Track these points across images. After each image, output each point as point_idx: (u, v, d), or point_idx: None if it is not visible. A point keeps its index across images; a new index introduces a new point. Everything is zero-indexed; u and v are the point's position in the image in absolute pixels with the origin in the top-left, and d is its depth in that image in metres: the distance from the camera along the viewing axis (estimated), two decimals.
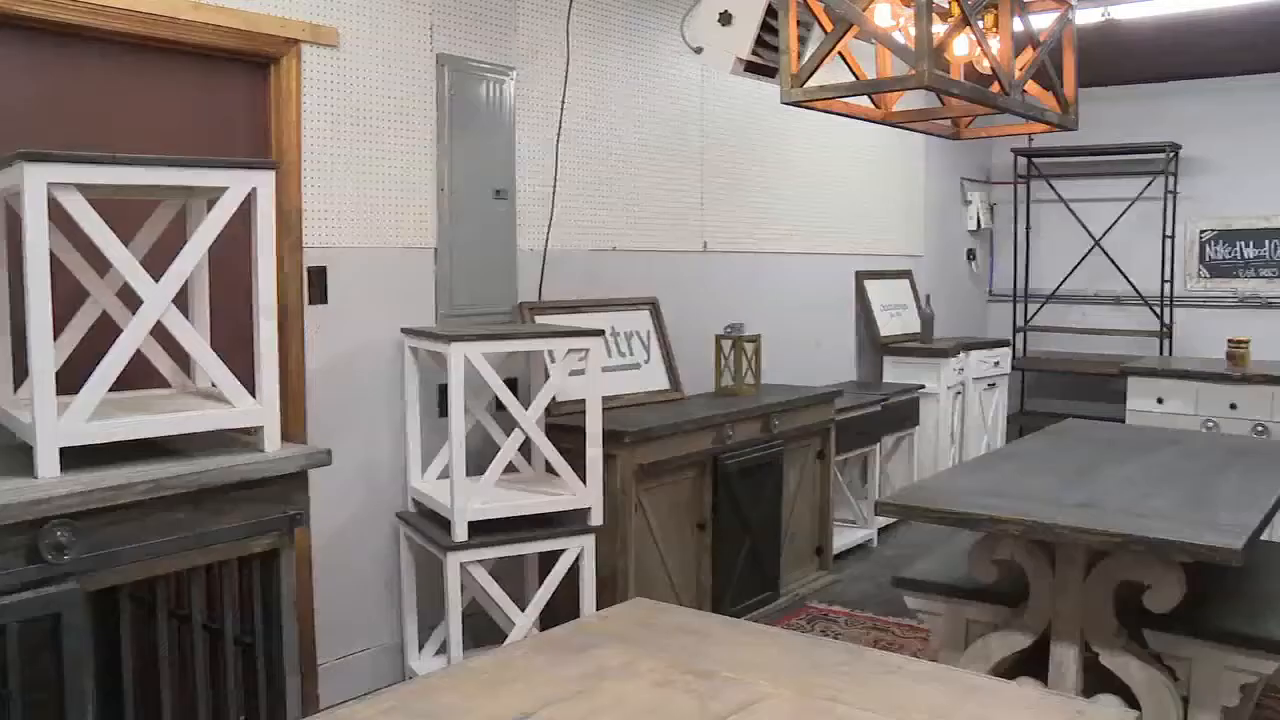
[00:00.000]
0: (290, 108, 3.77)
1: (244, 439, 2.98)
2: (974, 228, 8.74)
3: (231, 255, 3.09)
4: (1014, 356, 8.36)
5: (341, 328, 4.02)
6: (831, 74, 3.41)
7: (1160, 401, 6.16)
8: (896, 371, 7.12)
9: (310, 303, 3.92)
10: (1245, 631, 3.21)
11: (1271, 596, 3.54)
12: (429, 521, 4.03)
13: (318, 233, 3.92)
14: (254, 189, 2.81)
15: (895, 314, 7.32)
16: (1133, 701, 3.19)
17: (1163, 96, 8.20)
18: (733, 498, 4.88)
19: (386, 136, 4.12)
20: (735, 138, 5.93)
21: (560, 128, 4.80)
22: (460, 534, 3.77)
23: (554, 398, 4.32)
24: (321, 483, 3.81)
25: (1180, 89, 8.13)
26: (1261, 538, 3.70)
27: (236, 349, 3.04)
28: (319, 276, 3.94)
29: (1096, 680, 3.28)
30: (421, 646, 4.25)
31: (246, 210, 2.84)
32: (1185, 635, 3.25)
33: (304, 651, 3.83)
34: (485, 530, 3.85)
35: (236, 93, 3.73)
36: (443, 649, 4.07)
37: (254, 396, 2.89)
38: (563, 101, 4.80)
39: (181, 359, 3.11)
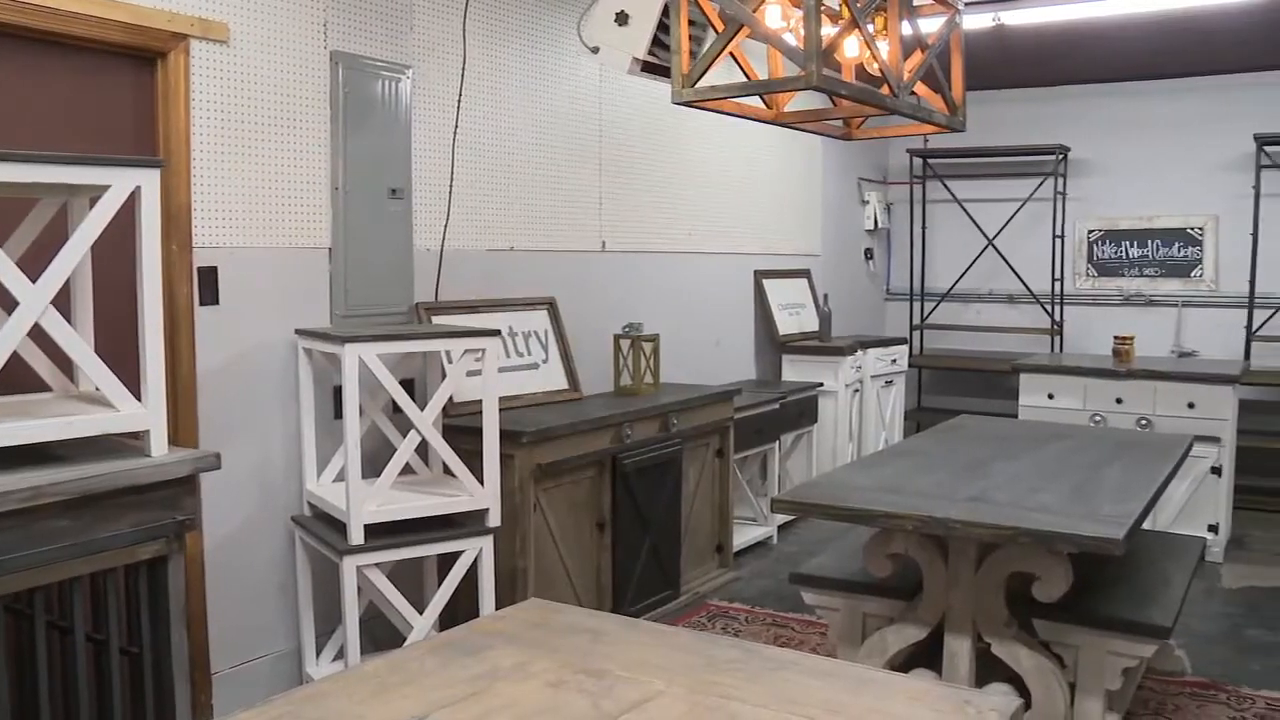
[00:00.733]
0: (178, 104, 3.68)
1: (131, 443, 2.91)
2: (871, 227, 8.87)
3: (119, 255, 3.01)
4: (911, 354, 8.49)
5: (234, 329, 3.94)
6: (728, 74, 3.43)
7: (1051, 397, 6.32)
8: (795, 370, 7.19)
9: (201, 303, 3.83)
10: (1127, 617, 3.31)
11: (1151, 583, 3.66)
12: (324, 525, 3.98)
13: (208, 232, 3.83)
14: (138, 187, 2.74)
15: (793, 313, 7.40)
16: (1025, 689, 3.27)
17: (1052, 100, 8.40)
18: (632, 497, 4.89)
19: (279, 134, 4.05)
20: (634, 138, 5.94)
21: (457, 127, 4.76)
22: (356, 537, 3.73)
23: (451, 398, 4.30)
24: (214, 487, 3.76)
25: (1068, 93, 8.33)
26: (1143, 527, 3.82)
27: (126, 351, 2.97)
28: (209, 277, 3.85)
29: (989, 670, 3.36)
30: (319, 652, 4.19)
31: (133, 209, 2.77)
32: (1072, 623, 3.35)
33: (196, 660, 3.75)
34: (382, 533, 3.81)
35: (123, 89, 3.63)
36: (341, 654, 4.01)
37: (140, 400, 2.82)
38: (459, 100, 4.76)
39: (63, 362, 3.02)
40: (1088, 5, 5.98)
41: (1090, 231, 8.39)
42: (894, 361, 7.81)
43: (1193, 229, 7.99)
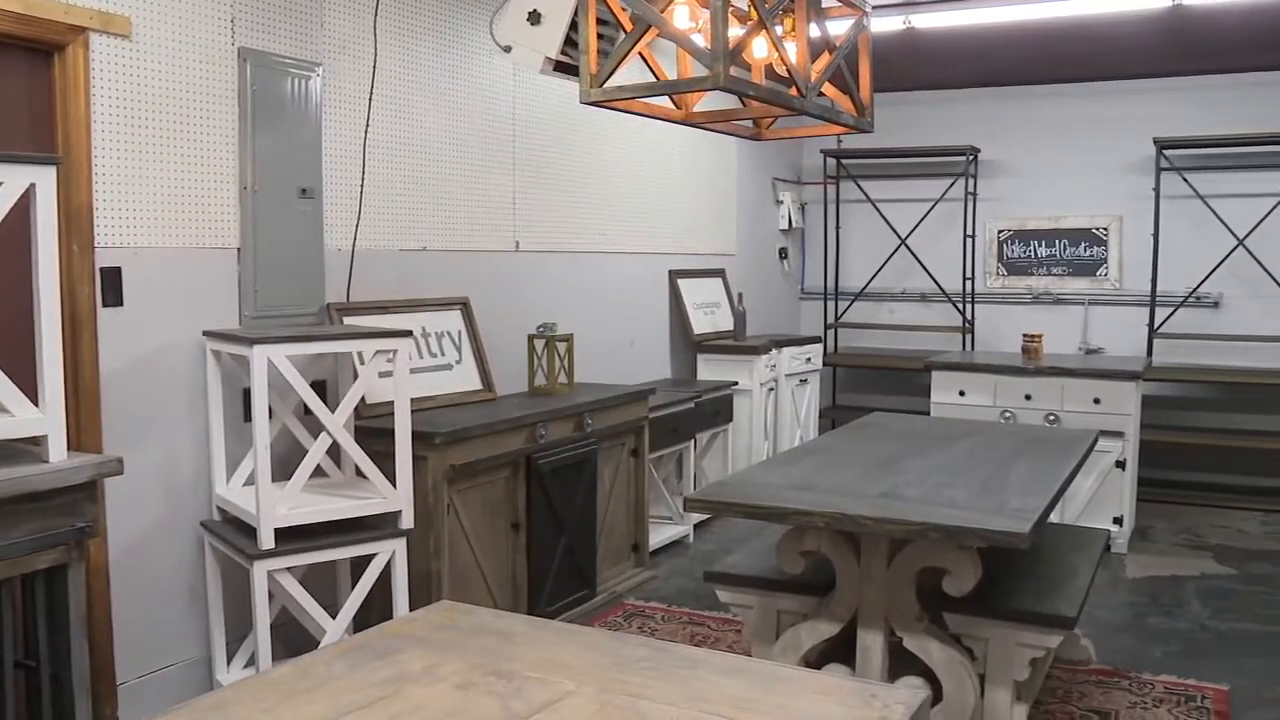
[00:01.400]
0: (78, 100, 3.59)
1: (29, 449, 2.83)
2: (785, 227, 8.94)
3: (16, 254, 2.93)
4: (825, 353, 8.58)
5: (139, 331, 3.86)
6: (640, 74, 3.43)
7: (962, 394, 6.42)
8: (710, 369, 7.22)
9: (104, 305, 3.74)
10: (1034, 609, 3.38)
11: (1058, 575, 3.73)
12: (234, 529, 3.91)
13: (111, 232, 3.75)
14: (32, 185, 2.67)
15: (709, 312, 7.43)
16: (937, 682, 3.32)
17: (963, 102, 8.54)
18: (547, 497, 4.88)
19: (185, 132, 3.97)
20: (548, 138, 5.92)
21: (368, 126, 4.71)
22: (266, 541, 3.67)
23: (364, 400, 4.26)
24: (119, 492, 3.68)
25: (978, 95, 8.48)
26: (1051, 520, 3.90)
27: (23, 354, 2.89)
28: (113, 278, 3.76)
29: (902, 663, 3.40)
30: (230, 659, 4.12)
31: (29, 207, 2.70)
32: (981, 616, 3.40)
33: (101, 671, 3.67)
34: (293, 537, 3.75)
35: (17, 82, 3.52)
36: (253, 661, 3.95)
37: (37, 405, 2.75)
38: (370, 98, 4.71)
39: None
40: (996, 10, 6.08)
41: (1000, 231, 8.54)
42: (808, 360, 7.88)
43: (1098, 229, 8.18)
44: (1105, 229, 8.15)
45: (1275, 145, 7.36)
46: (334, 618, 3.91)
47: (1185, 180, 7.56)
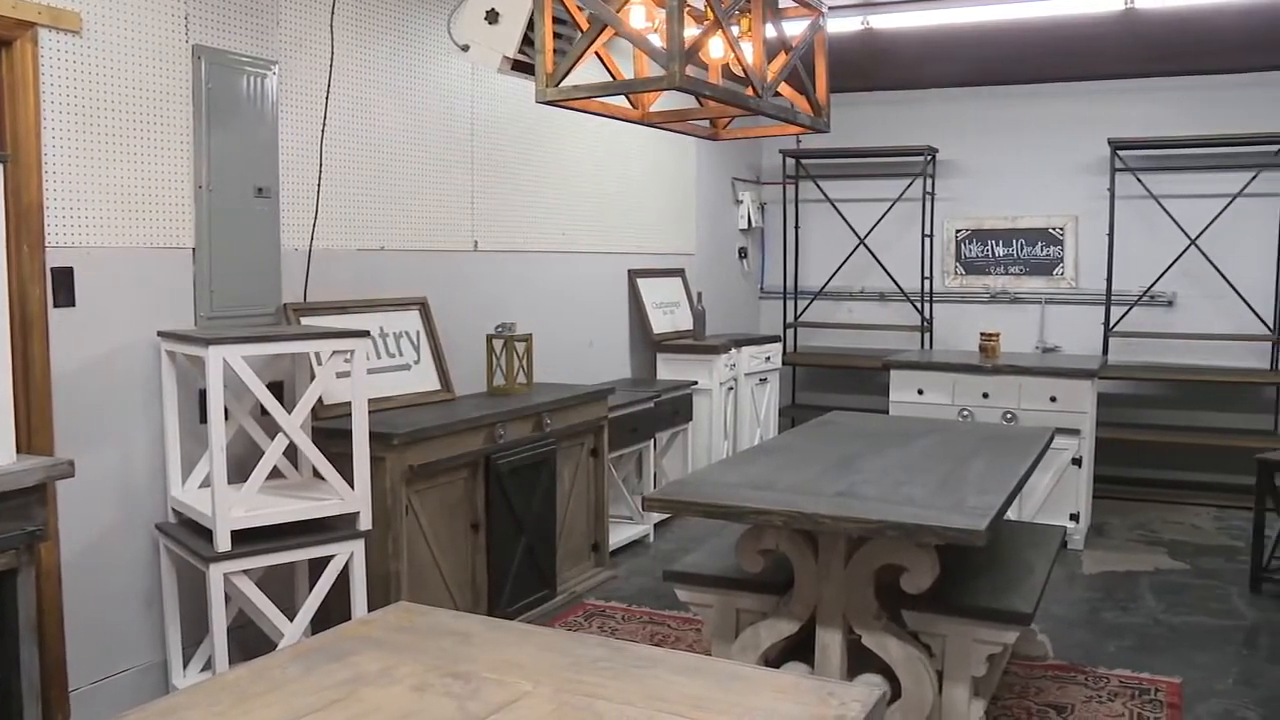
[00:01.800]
0: (27, 96, 3.53)
1: None
2: (745, 226, 8.95)
3: None
4: (784, 352, 8.60)
5: (92, 332, 3.81)
6: (598, 74, 3.42)
7: (920, 393, 6.46)
8: (670, 368, 7.23)
9: (55, 305, 3.69)
10: (991, 606, 3.40)
11: (1015, 571, 3.77)
12: (190, 532, 3.87)
13: (63, 231, 3.70)
14: None
15: (668, 312, 7.43)
16: (896, 679, 3.34)
17: (921, 102, 8.59)
18: (506, 497, 4.86)
19: (139, 130, 3.92)
20: (507, 137, 5.90)
21: (325, 124, 4.68)
22: (223, 544, 3.64)
23: (321, 400, 4.23)
24: (72, 495, 3.64)
25: (936, 95, 8.53)
26: (1009, 517, 3.92)
27: None
28: (65, 278, 3.71)
29: (861, 661, 3.42)
30: (187, 664, 4.08)
31: None
32: (939, 613, 3.42)
33: (53, 677, 3.62)
34: (250, 539, 3.72)
35: None
36: (210, 665, 3.91)
37: None
38: (327, 97, 4.68)
39: None
40: (954, 11, 6.12)
41: (958, 231, 8.60)
42: (768, 359, 7.90)
43: (1054, 229, 8.25)
44: (1061, 229, 8.22)
45: (1226, 147, 7.47)
46: (292, 620, 3.88)
47: (1139, 181, 7.65)
